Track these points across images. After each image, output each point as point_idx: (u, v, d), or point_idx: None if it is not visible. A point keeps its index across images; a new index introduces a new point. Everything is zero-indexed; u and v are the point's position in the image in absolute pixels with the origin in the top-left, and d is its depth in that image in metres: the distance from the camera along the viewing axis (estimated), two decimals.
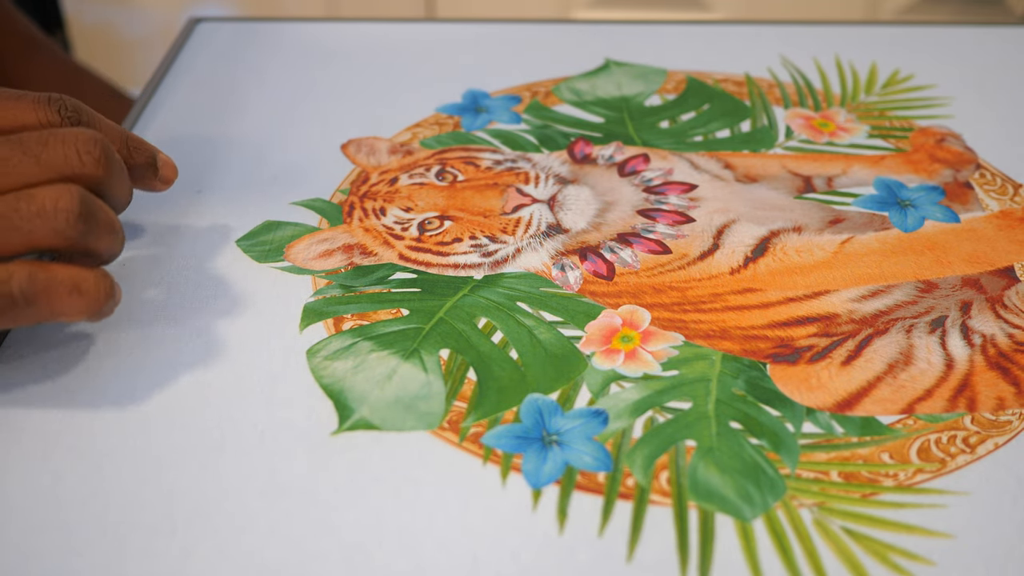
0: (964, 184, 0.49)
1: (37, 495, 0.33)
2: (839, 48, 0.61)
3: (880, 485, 0.34)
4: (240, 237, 0.45)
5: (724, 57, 0.60)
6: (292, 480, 0.34)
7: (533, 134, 0.52)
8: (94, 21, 1.40)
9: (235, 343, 0.39)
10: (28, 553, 0.32)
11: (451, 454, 0.35)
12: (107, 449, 0.35)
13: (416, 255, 0.43)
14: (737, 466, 0.34)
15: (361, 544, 0.32)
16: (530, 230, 0.45)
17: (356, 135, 0.52)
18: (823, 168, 0.50)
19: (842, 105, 0.56)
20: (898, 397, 0.37)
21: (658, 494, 0.34)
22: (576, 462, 0.35)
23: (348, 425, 0.36)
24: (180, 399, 0.37)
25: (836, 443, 0.35)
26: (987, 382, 0.38)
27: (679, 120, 0.54)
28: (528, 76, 0.58)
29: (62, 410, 0.36)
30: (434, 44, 0.62)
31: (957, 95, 0.57)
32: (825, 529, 0.33)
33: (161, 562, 0.31)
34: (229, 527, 0.32)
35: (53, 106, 0.38)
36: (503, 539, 0.32)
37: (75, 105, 0.39)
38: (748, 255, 0.44)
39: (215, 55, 0.60)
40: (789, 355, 0.39)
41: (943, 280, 0.43)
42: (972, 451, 0.35)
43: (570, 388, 0.37)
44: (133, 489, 0.33)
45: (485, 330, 0.40)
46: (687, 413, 0.36)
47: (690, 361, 0.39)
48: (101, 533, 0.32)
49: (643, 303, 0.41)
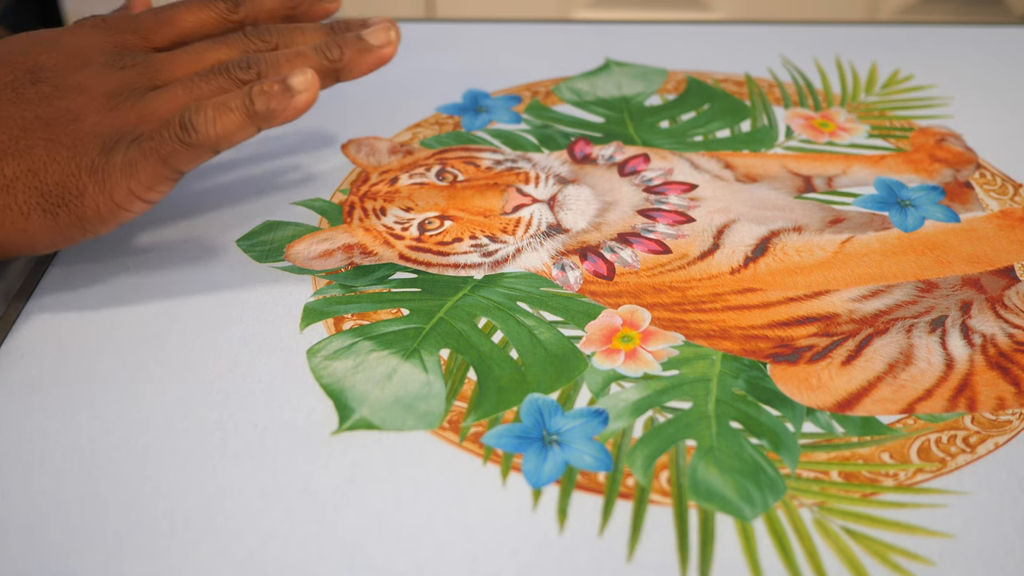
0: (964, 184, 0.49)
1: (37, 495, 0.33)
2: (839, 48, 0.61)
3: (880, 485, 0.34)
4: (240, 237, 0.45)
5: (724, 57, 0.60)
6: (292, 480, 0.34)
7: (533, 134, 0.52)
8: None
9: (235, 343, 0.39)
10: (28, 553, 0.32)
11: (451, 454, 0.35)
12: (107, 449, 0.35)
13: (416, 255, 0.43)
14: (737, 466, 0.34)
15: (361, 544, 0.32)
16: (530, 230, 0.45)
17: (356, 135, 0.52)
18: (823, 168, 0.50)
19: (842, 105, 0.56)
20: (898, 397, 0.37)
21: (658, 494, 0.34)
22: (576, 462, 0.35)
23: (348, 425, 0.36)
24: (180, 399, 0.37)
25: (836, 443, 0.35)
26: (987, 382, 0.38)
27: (679, 120, 0.54)
28: (528, 76, 0.58)
29: (62, 410, 0.36)
30: (434, 44, 0.62)
31: (957, 95, 0.57)
32: (825, 529, 0.33)
33: (161, 562, 0.31)
34: (229, 527, 0.32)
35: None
36: (503, 539, 0.32)
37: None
38: (748, 255, 0.44)
39: None
40: (789, 355, 0.39)
41: (943, 280, 0.43)
42: (972, 451, 0.35)
43: (570, 388, 0.37)
44: (133, 489, 0.33)
45: (485, 330, 0.40)
46: (687, 413, 0.36)
47: (690, 361, 0.39)
48: (101, 533, 0.32)
49: (643, 303, 0.41)
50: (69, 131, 0.38)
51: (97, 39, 0.42)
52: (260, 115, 0.38)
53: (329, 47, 0.41)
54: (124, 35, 0.42)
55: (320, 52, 0.41)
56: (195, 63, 0.41)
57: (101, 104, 0.39)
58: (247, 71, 0.40)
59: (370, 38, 0.42)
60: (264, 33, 0.43)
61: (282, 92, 0.38)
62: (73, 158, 0.38)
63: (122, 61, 0.41)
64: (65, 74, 0.40)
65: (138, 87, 0.40)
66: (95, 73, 0.40)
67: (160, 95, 0.39)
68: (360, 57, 0.42)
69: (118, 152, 0.38)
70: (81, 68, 0.40)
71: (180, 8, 0.44)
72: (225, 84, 0.40)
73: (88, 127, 0.38)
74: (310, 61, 0.41)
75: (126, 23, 0.43)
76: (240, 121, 0.38)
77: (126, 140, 0.38)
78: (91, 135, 0.38)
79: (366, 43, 0.42)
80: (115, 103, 0.39)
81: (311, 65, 0.41)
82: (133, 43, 0.42)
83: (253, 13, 0.44)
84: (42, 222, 0.38)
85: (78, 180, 0.37)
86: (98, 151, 0.38)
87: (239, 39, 0.42)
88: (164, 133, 0.37)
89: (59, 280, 0.42)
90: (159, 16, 0.43)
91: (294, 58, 0.41)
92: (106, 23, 0.42)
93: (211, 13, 0.44)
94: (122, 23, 0.43)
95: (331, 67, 0.41)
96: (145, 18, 0.43)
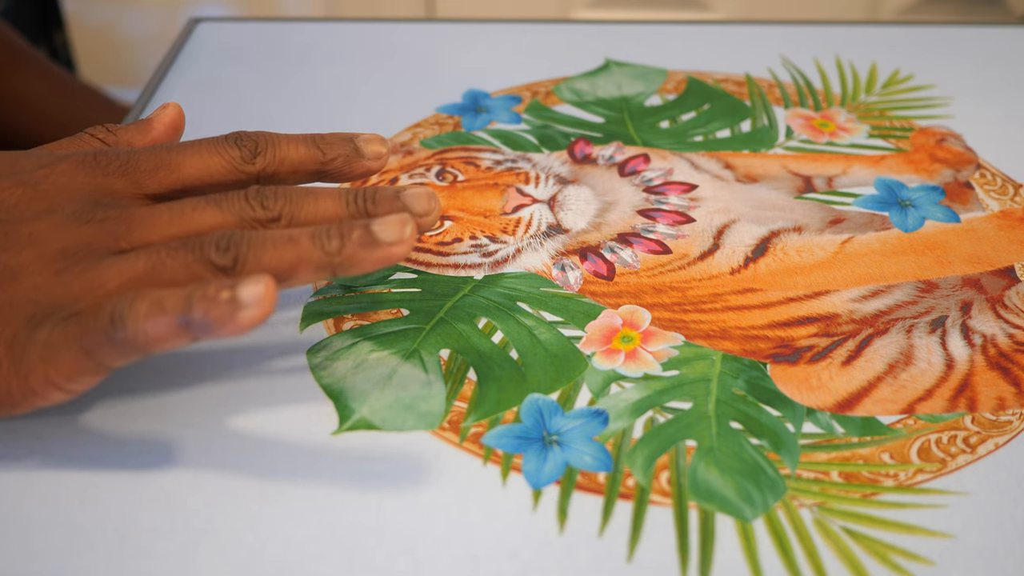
0: (964, 184, 0.49)
1: (37, 495, 0.33)
2: (839, 48, 0.61)
3: (880, 485, 0.34)
4: None
5: (724, 57, 0.60)
6: (292, 480, 0.34)
7: (533, 134, 0.52)
8: (94, 21, 1.40)
9: (235, 343, 0.39)
10: (28, 553, 0.32)
11: (451, 454, 0.35)
12: (107, 449, 0.35)
13: (416, 255, 0.43)
14: (737, 466, 0.34)
15: (361, 544, 0.32)
16: (530, 230, 0.45)
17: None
18: (823, 168, 0.50)
19: (842, 105, 0.56)
20: (898, 397, 0.37)
21: (658, 494, 0.34)
22: (576, 462, 0.35)
23: (348, 425, 0.36)
24: (180, 399, 0.37)
25: (836, 443, 0.35)
26: (987, 382, 0.38)
27: (679, 120, 0.54)
28: (528, 76, 0.58)
29: (62, 410, 0.36)
30: (434, 44, 0.62)
31: (957, 95, 0.57)
32: (825, 529, 0.33)
33: (161, 562, 0.31)
34: (229, 527, 0.32)
35: (236, 146, 0.37)
36: (503, 539, 0.32)
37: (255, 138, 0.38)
38: (748, 255, 0.44)
39: (215, 55, 0.60)
40: (789, 355, 0.39)
41: (943, 280, 0.43)
42: (972, 451, 0.35)
43: (570, 388, 0.37)
44: (133, 489, 0.33)
45: (485, 330, 0.40)
46: (687, 413, 0.36)
47: (690, 361, 0.39)
48: (101, 533, 0.32)
49: (643, 303, 0.41)
50: (2, 291, 0.32)
51: (79, 181, 0.35)
52: (196, 324, 0.30)
53: (330, 236, 0.33)
54: (112, 179, 0.35)
55: (317, 241, 0.33)
56: (175, 225, 0.34)
57: (48, 264, 0.33)
58: (223, 254, 0.32)
59: (381, 232, 0.33)
60: (268, 198, 0.35)
61: (227, 303, 0.30)
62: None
63: (92, 213, 0.34)
64: (21, 221, 0.33)
65: (97, 249, 0.33)
66: (56, 224, 0.33)
67: (115, 264, 0.33)
68: (363, 253, 0.33)
69: (43, 329, 0.31)
70: (42, 216, 0.34)
71: (187, 151, 0.37)
72: (194, 265, 0.32)
73: (23, 291, 0.32)
74: (302, 251, 0.33)
75: (120, 162, 0.36)
76: (171, 327, 0.30)
77: (58, 316, 0.32)
78: (24, 301, 0.32)
79: (374, 237, 0.33)
80: (63, 266, 0.33)
81: (303, 256, 0.33)
82: (120, 188, 0.35)
83: (273, 166, 0.37)
84: None
85: None
86: (24, 323, 0.32)
87: (237, 202, 0.35)
88: (91, 321, 0.31)
89: None
90: (159, 158, 0.36)
91: (283, 245, 0.33)
92: (97, 161, 0.35)
93: (221, 161, 0.37)
94: (115, 161, 0.36)
95: (327, 261, 0.33)
96: (144, 159, 0.36)
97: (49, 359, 0.31)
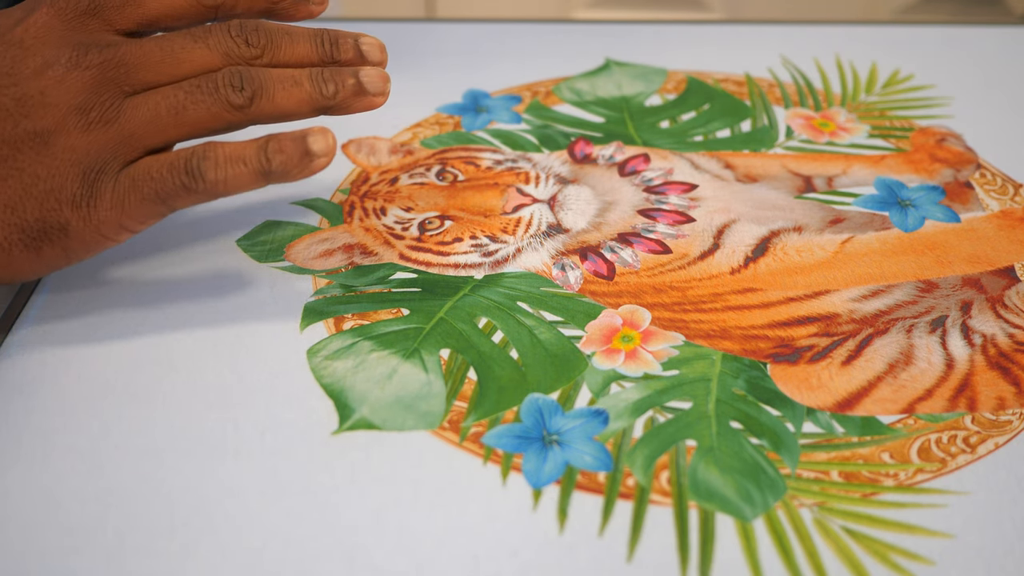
0: (964, 184, 0.49)
1: (37, 495, 0.33)
2: (839, 48, 0.61)
3: (880, 485, 0.34)
4: (240, 237, 0.45)
5: (724, 57, 0.60)
6: (292, 480, 0.34)
7: (533, 134, 0.52)
8: None
9: (235, 343, 0.39)
10: (28, 553, 0.32)
11: (451, 454, 0.35)
12: (107, 449, 0.35)
13: (416, 255, 0.43)
14: (737, 466, 0.34)
15: (361, 544, 0.32)
16: (530, 230, 0.45)
17: (356, 135, 0.52)
18: (823, 168, 0.50)
19: (842, 105, 0.56)
20: (898, 397, 0.37)
21: (658, 494, 0.34)
22: (576, 462, 0.35)
23: (348, 425, 0.36)
24: (180, 399, 0.37)
25: (836, 443, 0.35)
26: (987, 382, 0.38)
27: (679, 120, 0.54)
28: (528, 76, 0.58)
29: (62, 410, 0.36)
30: (434, 44, 0.62)
31: (957, 95, 0.57)
32: (825, 529, 0.33)
33: (161, 562, 0.31)
34: (229, 527, 0.32)
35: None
36: (503, 539, 0.32)
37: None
38: (748, 255, 0.44)
39: None
40: (789, 355, 0.39)
41: (943, 280, 0.43)
42: (972, 451, 0.35)
43: (570, 388, 0.37)
44: (133, 489, 0.33)
45: (485, 330, 0.40)
46: (687, 413, 0.36)
47: (690, 361, 0.39)
48: (101, 533, 0.32)
49: (643, 303, 0.41)
50: (41, 158, 0.35)
51: (57, 29, 0.37)
52: (275, 174, 0.36)
53: (326, 81, 0.38)
54: (84, 18, 0.37)
55: (315, 84, 0.38)
56: (170, 64, 0.37)
57: (73, 123, 0.36)
58: (238, 93, 0.36)
59: (368, 84, 0.39)
60: (250, 34, 0.38)
61: (302, 157, 0.36)
62: (51, 192, 0.35)
63: (85, 58, 0.36)
64: (24, 80, 0.36)
65: (106, 98, 0.36)
66: (59, 79, 0.36)
67: (137, 114, 0.36)
68: (353, 100, 0.39)
69: (104, 184, 0.35)
70: (41, 72, 0.36)
71: None
72: (214, 107, 0.36)
73: (61, 153, 0.35)
74: (304, 92, 0.38)
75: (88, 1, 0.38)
76: (252, 177, 0.36)
77: (111, 171, 0.36)
78: (67, 164, 0.35)
79: (362, 87, 0.39)
80: (84, 121, 0.36)
81: (306, 97, 0.38)
82: (94, 28, 0.37)
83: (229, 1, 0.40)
84: (24, 256, 0.36)
85: (59, 215, 0.35)
86: (79, 182, 0.35)
87: (221, 38, 0.38)
88: (167, 175, 0.35)
89: (59, 280, 0.42)
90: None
91: (290, 86, 0.37)
92: (68, 3, 0.37)
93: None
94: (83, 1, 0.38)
95: (322, 102, 0.38)
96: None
97: (123, 209, 0.36)
